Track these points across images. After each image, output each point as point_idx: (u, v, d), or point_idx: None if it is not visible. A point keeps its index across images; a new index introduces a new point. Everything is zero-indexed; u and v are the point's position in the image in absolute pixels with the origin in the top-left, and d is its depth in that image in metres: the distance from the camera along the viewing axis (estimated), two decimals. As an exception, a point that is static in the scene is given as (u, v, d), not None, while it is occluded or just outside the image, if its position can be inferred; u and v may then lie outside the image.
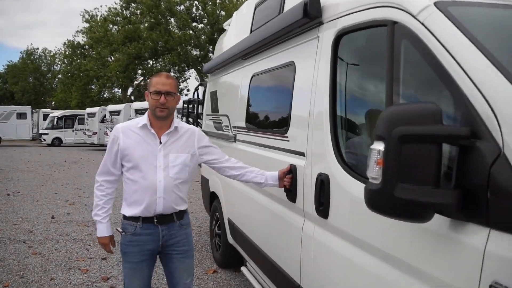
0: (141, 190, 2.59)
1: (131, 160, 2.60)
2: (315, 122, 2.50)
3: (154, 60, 36.47)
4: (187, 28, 33.57)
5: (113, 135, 2.67)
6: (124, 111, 23.09)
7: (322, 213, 2.32)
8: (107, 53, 35.46)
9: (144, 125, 2.63)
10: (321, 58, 2.53)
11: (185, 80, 38.83)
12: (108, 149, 2.67)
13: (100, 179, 2.69)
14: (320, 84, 2.49)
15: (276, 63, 3.39)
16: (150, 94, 2.61)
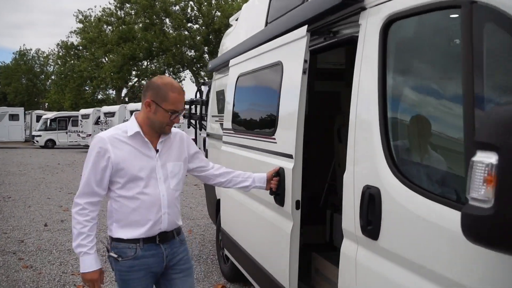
0: (144, 207, 2.28)
1: (127, 175, 2.26)
2: (360, 126, 2.09)
3: (149, 61, 36.33)
4: (182, 29, 33.49)
5: (97, 147, 2.24)
6: (119, 113, 22.90)
7: (370, 233, 1.93)
8: (101, 54, 35.26)
9: (136, 133, 2.29)
10: (365, 49, 2.11)
11: (180, 81, 38.66)
12: (91, 165, 2.25)
13: (83, 202, 2.26)
14: (365, 81, 2.08)
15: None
16: (163, 110, 2.26)
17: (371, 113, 1.99)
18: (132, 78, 37.90)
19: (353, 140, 2.12)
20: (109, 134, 2.31)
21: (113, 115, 23.39)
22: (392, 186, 1.83)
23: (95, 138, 2.32)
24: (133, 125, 2.31)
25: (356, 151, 2.10)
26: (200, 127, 6.56)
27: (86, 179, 2.28)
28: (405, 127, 2.01)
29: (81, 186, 2.29)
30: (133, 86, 39.95)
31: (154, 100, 2.26)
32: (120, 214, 2.31)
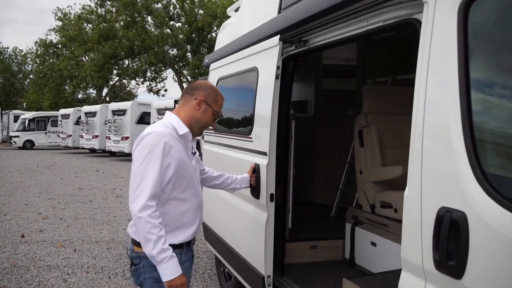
0: (193, 209, 2.28)
1: (185, 176, 2.21)
2: (430, 134, 1.69)
3: (130, 60, 36.05)
4: (165, 27, 33.27)
5: (162, 143, 2.08)
6: (101, 112, 22.70)
7: (451, 269, 1.51)
8: (81, 52, 34.89)
9: (187, 133, 2.25)
10: (436, 36, 1.68)
11: (162, 80, 38.57)
12: (159, 162, 2.06)
13: (154, 203, 2.05)
14: (438, 77, 1.67)
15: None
16: (213, 110, 2.33)
17: (449, 118, 1.57)
18: (113, 77, 37.57)
19: (419, 151, 1.72)
20: (166, 131, 2.15)
21: (94, 115, 23.20)
22: (486, 210, 1.42)
23: (156, 134, 2.11)
24: (180, 124, 2.25)
25: (425, 165, 1.69)
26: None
27: (154, 177, 2.05)
28: (500, 134, 1.62)
29: (150, 186, 2.04)
30: (114, 85, 39.60)
31: (206, 100, 2.31)
32: (168, 217, 2.18)
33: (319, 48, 2.87)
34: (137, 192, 2.06)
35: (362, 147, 3.77)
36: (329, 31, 2.65)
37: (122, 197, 10.12)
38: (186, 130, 2.25)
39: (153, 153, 2.07)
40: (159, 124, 2.23)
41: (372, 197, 3.62)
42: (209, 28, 31.72)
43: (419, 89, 1.75)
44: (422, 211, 1.68)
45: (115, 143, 20.83)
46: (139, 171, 2.08)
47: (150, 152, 2.08)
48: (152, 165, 2.07)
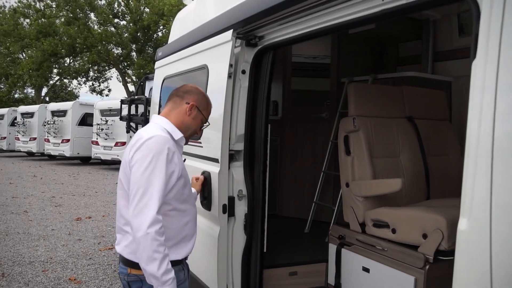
0: (193, 220, 2.14)
1: (186, 185, 2.06)
2: (503, 149, 1.33)
3: (72, 58, 34.43)
4: (109, 25, 32.11)
5: (165, 149, 1.89)
6: (39, 113, 21.38)
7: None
8: (17, 49, 32.82)
9: (181, 138, 2.10)
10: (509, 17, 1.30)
11: (106, 80, 37.18)
12: (164, 170, 1.86)
13: (161, 217, 1.84)
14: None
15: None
16: (203, 117, 2.19)
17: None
18: (53, 76, 35.71)
19: (485, 172, 1.37)
20: (166, 136, 1.97)
21: (32, 115, 21.83)
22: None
23: (158, 138, 1.91)
24: (174, 129, 2.07)
25: (496, 187, 1.33)
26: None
27: (161, 188, 1.85)
28: None
29: (157, 199, 1.82)
30: (54, 85, 37.71)
31: (198, 106, 2.15)
32: (171, 231, 1.98)
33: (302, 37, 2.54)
34: (141, 203, 1.81)
35: (349, 155, 3.26)
36: (318, 16, 2.32)
37: (62, 206, 9.39)
38: (181, 135, 2.09)
39: (158, 160, 1.87)
40: (155, 128, 2.01)
41: (362, 214, 3.13)
42: (155, 27, 30.99)
43: (483, 86, 1.38)
44: (493, 255, 1.31)
45: (55, 146, 19.70)
46: (142, 180, 1.84)
47: (155, 158, 1.86)
48: (158, 173, 1.85)
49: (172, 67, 3.69)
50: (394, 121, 3.46)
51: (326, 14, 2.27)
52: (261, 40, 2.77)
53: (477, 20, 1.38)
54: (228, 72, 2.69)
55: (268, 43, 2.74)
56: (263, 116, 2.83)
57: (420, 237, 2.68)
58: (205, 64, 3.03)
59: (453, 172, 3.74)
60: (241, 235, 2.88)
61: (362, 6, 2.01)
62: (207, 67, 3.00)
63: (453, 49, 4.11)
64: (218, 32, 2.86)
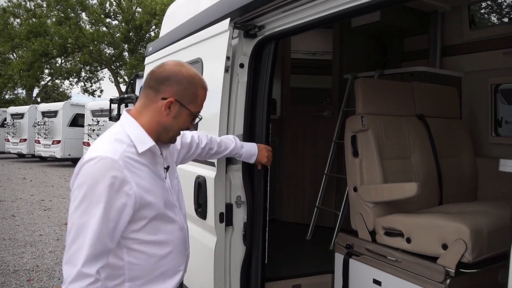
0: (176, 249, 1.68)
1: (156, 211, 1.58)
2: None
3: (64, 59, 33.97)
4: (101, 25, 31.73)
5: (109, 177, 1.42)
6: (29, 114, 20.96)
7: None
8: (7, 49, 32.29)
9: (151, 148, 1.58)
10: None
11: (98, 80, 36.76)
12: (102, 208, 1.41)
13: (94, 271, 1.40)
14: None
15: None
16: (189, 112, 1.64)
17: None
18: (44, 76, 35.21)
19: None
20: (117, 151, 1.48)
21: (22, 116, 21.41)
22: None
23: (99, 161, 1.43)
24: (142, 135, 1.57)
25: None
26: None
27: (98, 232, 1.40)
28: None
29: (89, 246, 1.38)
30: (45, 85, 37.21)
31: (179, 100, 1.59)
32: (141, 268, 1.58)
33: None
34: (70, 251, 1.39)
35: (356, 157, 2.99)
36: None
37: (51, 210, 9.05)
38: (150, 145, 1.57)
39: (93, 192, 1.41)
40: (110, 139, 1.54)
41: (372, 221, 2.86)
42: (148, 27, 30.68)
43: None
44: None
45: (46, 148, 19.30)
46: (73, 220, 1.41)
47: (90, 190, 1.41)
48: (93, 210, 1.40)
49: (163, 62, 3.41)
50: (404, 120, 3.20)
51: (326, 2, 2.02)
52: (262, 30, 2.50)
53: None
54: (225, 66, 2.42)
55: (269, 33, 2.47)
56: (264, 114, 2.52)
57: (439, 248, 2.41)
58: (199, 58, 2.75)
59: (465, 174, 3.51)
60: (240, 246, 2.60)
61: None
62: (201, 61, 2.73)
63: (463, 43, 3.88)
64: (213, 22, 2.58)
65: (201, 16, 2.86)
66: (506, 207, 2.78)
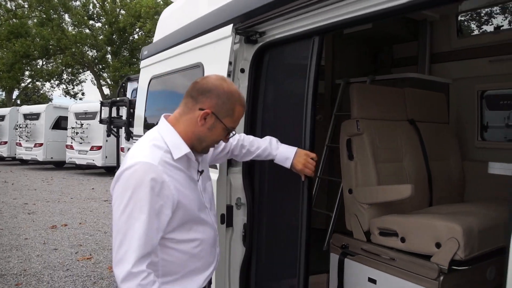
0: (207, 247, 1.76)
1: (189, 213, 1.66)
2: None
3: (45, 60, 33.46)
4: (83, 26, 31.38)
5: (148, 180, 1.50)
6: (10, 116, 20.55)
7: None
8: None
9: (186, 155, 1.65)
10: None
11: (80, 83, 36.28)
12: (147, 210, 1.50)
13: (143, 268, 1.50)
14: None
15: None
16: (223, 126, 1.68)
17: None
18: (25, 78, 34.63)
19: None
20: (156, 156, 1.56)
21: (3, 119, 21.00)
22: None
23: (138, 167, 1.52)
24: (178, 141, 1.64)
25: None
26: (128, 135, 5.06)
27: (144, 234, 1.49)
28: None
29: (137, 247, 1.48)
30: (26, 87, 36.57)
31: (216, 113, 1.64)
32: (172, 265, 1.67)
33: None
34: (120, 252, 1.49)
35: (352, 160, 3.07)
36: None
37: (35, 213, 8.91)
38: (185, 152, 1.63)
39: (137, 197, 1.49)
40: (148, 145, 1.61)
41: (367, 222, 2.97)
42: (131, 29, 30.50)
43: None
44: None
45: (27, 150, 18.96)
46: (120, 224, 1.50)
47: (133, 195, 1.49)
48: (138, 214, 1.49)
49: (161, 66, 3.45)
50: (396, 124, 3.32)
51: (333, 10, 2.10)
52: (263, 36, 2.57)
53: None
54: (227, 71, 2.48)
55: (270, 39, 2.55)
56: (308, 117, 2.34)
57: (433, 246, 2.52)
58: (200, 62, 2.81)
59: (453, 176, 3.64)
60: (239, 247, 2.66)
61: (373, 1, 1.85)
62: (202, 65, 2.78)
63: (451, 51, 4.02)
64: (215, 27, 2.64)
65: (201, 21, 2.92)
66: (493, 207, 2.92)
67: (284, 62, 2.65)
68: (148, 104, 3.66)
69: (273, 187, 2.66)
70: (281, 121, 2.65)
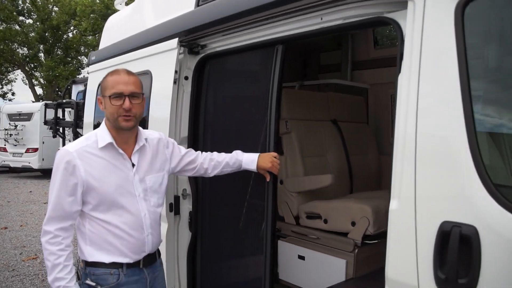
0: (124, 232, 2.04)
1: (102, 195, 2.00)
2: (424, 146, 1.58)
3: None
4: (13, 23, 29.78)
5: (63, 163, 1.95)
6: None
7: (461, 286, 1.45)
8: None
9: (109, 144, 2.02)
10: (427, 39, 1.59)
11: (9, 82, 34.33)
12: (58, 184, 1.96)
13: (53, 229, 1.96)
14: (432, 82, 1.57)
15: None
16: (108, 98, 2.00)
17: (450, 128, 1.50)
18: None
19: (410, 161, 1.62)
20: (77, 146, 2.00)
21: None
22: (502, 223, 1.38)
23: (60, 152, 2.00)
24: (104, 134, 2.04)
25: (420, 178, 1.59)
26: (76, 136, 5.20)
27: (55, 201, 1.97)
28: (507, 141, 1.58)
29: (50, 210, 1.98)
30: None
31: (102, 94, 2.07)
32: (96, 236, 2.04)
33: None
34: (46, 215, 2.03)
35: (282, 155, 3.51)
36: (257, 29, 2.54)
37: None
38: (107, 142, 2.02)
39: (56, 174, 2.00)
40: (80, 139, 2.11)
41: (296, 208, 3.46)
42: (65, 27, 29.38)
43: (408, 96, 1.63)
44: (418, 227, 1.57)
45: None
46: (48, 193, 2.05)
47: (54, 173, 2.02)
48: (53, 186, 2.00)
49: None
50: (321, 124, 3.84)
51: (266, 29, 2.52)
52: (204, 49, 2.95)
53: (401, 43, 1.72)
54: (173, 78, 2.84)
55: (210, 52, 2.93)
56: (273, 123, 2.58)
57: (349, 225, 3.05)
58: (148, 70, 3.13)
59: (372, 169, 4.23)
60: (186, 232, 3.02)
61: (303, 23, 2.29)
62: (150, 72, 3.11)
63: (369, 59, 4.61)
64: (163, 39, 2.99)
65: (149, 33, 3.25)
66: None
67: (222, 71, 3.05)
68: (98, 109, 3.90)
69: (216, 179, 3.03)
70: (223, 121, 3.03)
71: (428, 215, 1.55)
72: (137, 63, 3.27)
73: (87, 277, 2.05)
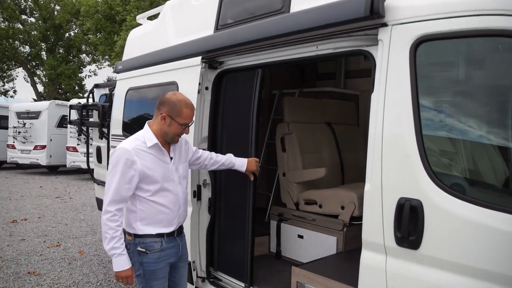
0: (168, 208, 2.68)
1: (155, 182, 2.61)
2: (389, 142, 2.22)
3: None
4: (16, 21, 30.17)
5: (124, 158, 2.52)
6: None
7: (411, 243, 2.09)
8: None
9: (155, 144, 2.63)
10: (391, 69, 2.24)
11: (11, 80, 34.69)
12: (120, 175, 2.52)
13: (113, 209, 2.52)
14: (394, 100, 2.21)
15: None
16: (177, 123, 2.62)
17: (405, 131, 2.15)
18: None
19: (379, 154, 2.26)
20: (132, 146, 2.57)
21: None
22: (438, 197, 2.01)
23: (120, 150, 2.56)
24: (151, 136, 2.63)
25: (385, 167, 2.22)
26: (101, 135, 5.71)
27: (116, 187, 2.52)
28: (442, 141, 2.22)
29: (111, 194, 2.52)
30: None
31: (169, 115, 2.61)
32: (146, 213, 2.64)
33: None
34: (105, 198, 2.57)
35: (284, 152, 4.31)
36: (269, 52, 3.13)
37: None
38: (154, 142, 2.62)
39: (116, 166, 2.55)
40: (131, 139, 2.66)
41: (296, 196, 4.19)
42: (68, 26, 29.79)
43: (377, 108, 2.30)
44: (383, 202, 2.21)
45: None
46: (107, 182, 2.57)
47: (114, 165, 2.56)
48: (114, 176, 2.54)
49: (138, 80, 4.38)
50: (317, 126, 4.52)
51: (272, 52, 3.12)
52: (221, 65, 3.59)
53: (374, 69, 2.38)
54: (197, 89, 3.50)
55: (227, 67, 3.57)
56: (253, 134, 3.38)
57: (339, 209, 3.74)
58: (174, 81, 3.79)
59: (360, 164, 4.86)
60: (206, 215, 3.68)
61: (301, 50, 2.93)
62: (176, 83, 3.76)
63: (360, 69, 5.26)
64: (189, 56, 3.63)
65: (176, 49, 3.89)
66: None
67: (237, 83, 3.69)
68: (126, 111, 4.57)
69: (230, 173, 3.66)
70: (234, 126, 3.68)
71: (390, 193, 2.19)
72: (165, 74, 3.94)
73: (137, 246, 2.65)
